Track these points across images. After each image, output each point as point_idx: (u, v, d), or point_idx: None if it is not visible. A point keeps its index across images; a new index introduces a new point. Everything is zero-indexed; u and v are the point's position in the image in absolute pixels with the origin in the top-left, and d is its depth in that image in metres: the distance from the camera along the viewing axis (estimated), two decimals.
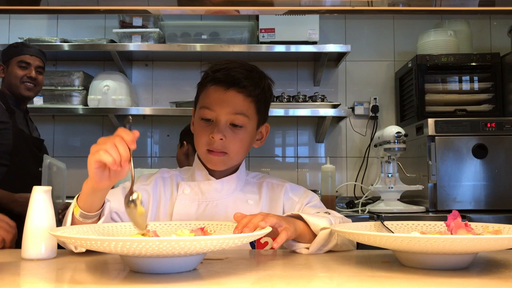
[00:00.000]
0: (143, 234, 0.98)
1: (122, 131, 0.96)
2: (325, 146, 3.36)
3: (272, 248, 1.05)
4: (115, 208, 1.19)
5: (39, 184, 1.11)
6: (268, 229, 0.98)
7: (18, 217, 2.12)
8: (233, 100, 1.24)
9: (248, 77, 1.26)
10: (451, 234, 1.00)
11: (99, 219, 1.09)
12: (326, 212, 1.26)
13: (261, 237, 1.27)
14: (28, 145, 2.33)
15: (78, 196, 1.07)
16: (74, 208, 1.07)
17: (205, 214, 1.28)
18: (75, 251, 1.06)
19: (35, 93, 2.42)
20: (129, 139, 0.95)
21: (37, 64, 2.39)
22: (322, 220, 1.14)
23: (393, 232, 1.11)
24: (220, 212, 1.29)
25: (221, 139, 1.24)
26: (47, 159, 2.29)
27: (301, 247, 1.14)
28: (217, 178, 1.33)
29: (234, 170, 1.35)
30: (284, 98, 3.03)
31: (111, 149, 0.93)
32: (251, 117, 1.28)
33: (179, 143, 2.78)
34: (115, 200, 1.19)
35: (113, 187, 1.11)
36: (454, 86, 2.97)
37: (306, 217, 1.15)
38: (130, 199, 0.97)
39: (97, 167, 0.96)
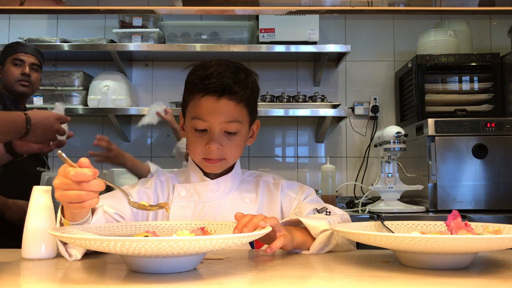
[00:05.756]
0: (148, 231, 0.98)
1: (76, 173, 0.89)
2: (325, 146, 3.36)
3: (265, 252, 1.04)
4: (117, 209, 1.19)
5: (36, 184, 1.11)
6: (268, 229, 0.97)
7: (12, 224, 2.13)
8: (225, 108, 1.22)
9: (237, 81, 1.23)
10: (451, 234, 1.00)
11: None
12: (323, 207, 1.26)
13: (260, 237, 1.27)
14: None
15: (62, 208, 1.02)
16: (63, 221, 1.03)
17: (202, 215, 1.28)
18: (70, 259, 1.02)
19: (30, 90, 2.39)
20: (88, 174, 0.89)
21: (32, 61, 2.38)
22: (321, 222, 1.14)
23: (393, 232, 1.11)
24: (217, 212, 1.28)
25: (218, 148, 1.24)
26: (45, 176, 2.28)
27: (300, 252, 1.14)
28: (212, 179, 1.33)
29: (229, 169, 1.35)
30: (284, 98, 3.03)
31: (76, 198, 0.91)
32: (244, 121, 1.27)
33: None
34: (116, 202, 1.19)
35: (109, 190, 1.10)
36: (454, 86, 2.97)
37: (305, 221, 1.14)
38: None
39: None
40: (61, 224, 1.02)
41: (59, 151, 0.92)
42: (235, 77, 1.23)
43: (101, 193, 1.03)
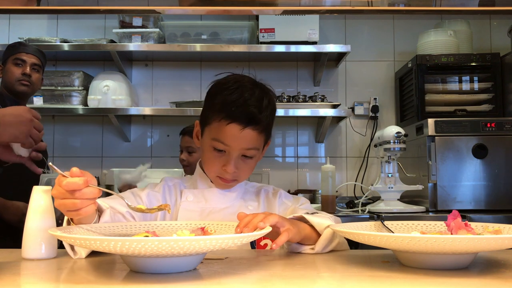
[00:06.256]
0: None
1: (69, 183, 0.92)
2: (325, 146, 3.36)
3: (271, 248, 1.05)
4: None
5: (36, 185, 1.12)
6: (268, 229, 0.98)
7: (10, 225, 2.12)
8: (248, 137, 1.25)
9: (261, 109, 1.25)
10: (451, 234, 1.00)
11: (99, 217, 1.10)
12: (314, 212, 1.28)
13: (261, 240, 1.29)
14: None
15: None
16: (72, 224, 1.05)
17: (208, 220, 1.30)
18: (74, 257, 1.05)
19: (31, 90, 2.38)
20: (79, 183, 0.92)
21: (33, 61, 2.37)
22: (324, 219, 1.17)
23: (393, 232, 1.11)
24: (223, 218, 1.32)
25: (234, 171, 1.28)
26: (44, 178, 2.27)
27: (305, 249, 1.15)
28: None
29: None
30: (284, 98, 3.03)
31: (72, 206, 0.93)
32: (260, 147, 1.31)
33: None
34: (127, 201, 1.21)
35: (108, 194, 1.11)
36: (454, 86, 2.97)
37: (309, 218, 1.16)
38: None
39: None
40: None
41: (50, 163, 0.96)
42: (260, 105, 1.26)
43: (102, 195, 1.03)
